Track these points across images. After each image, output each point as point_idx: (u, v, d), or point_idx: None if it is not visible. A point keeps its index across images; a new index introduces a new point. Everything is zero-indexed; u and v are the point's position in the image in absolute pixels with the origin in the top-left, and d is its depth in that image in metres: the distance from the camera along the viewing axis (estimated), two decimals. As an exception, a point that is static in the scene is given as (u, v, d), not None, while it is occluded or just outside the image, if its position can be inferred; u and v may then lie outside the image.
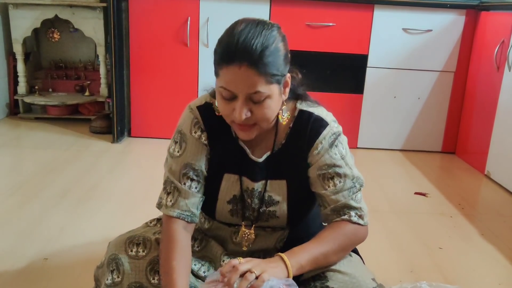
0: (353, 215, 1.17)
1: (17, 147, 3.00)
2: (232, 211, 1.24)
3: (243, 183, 1.21)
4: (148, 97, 3.23)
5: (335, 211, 1.18)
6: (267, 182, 1.21)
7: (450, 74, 3.26)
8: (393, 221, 2.20)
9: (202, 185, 1.20)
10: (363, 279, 1.17)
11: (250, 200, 1.22)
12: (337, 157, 1.18)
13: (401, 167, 3.05)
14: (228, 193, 1.22)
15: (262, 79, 1.02)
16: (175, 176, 1.19)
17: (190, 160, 1.18)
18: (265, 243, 1.28)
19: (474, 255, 1.92)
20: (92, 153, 2.91)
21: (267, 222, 1.24)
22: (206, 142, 1.19)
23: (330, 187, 1.18)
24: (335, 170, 1.17)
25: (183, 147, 1.20)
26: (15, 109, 3.65)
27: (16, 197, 2.18)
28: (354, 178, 1.19)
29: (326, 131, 1.18)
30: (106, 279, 1.20)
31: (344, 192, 1.18)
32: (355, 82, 3.27)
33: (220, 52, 1.04)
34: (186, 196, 1.17)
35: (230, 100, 1.06)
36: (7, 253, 1.68)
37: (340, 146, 1.19)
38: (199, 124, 1.19)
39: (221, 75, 1.05)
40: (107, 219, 2.02)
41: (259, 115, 1.07)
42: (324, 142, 1.17)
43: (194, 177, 1.18)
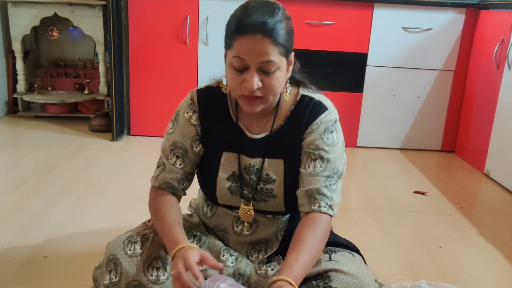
0: (323, 205, 1.19)
1: (16, 145, 3.00)
2: (231, 188, 1.27)
3: (241, 160, 1.26)
4: (147, 95, 3.23)
5: (307, 194, 1.20)
6: (264, 160, 1.25)
7: (450, 73, 3.26)
8: (392, 219, 2.20)
9: (188, 163, 1.28)
10: (366, 280, 1.18)
11: (248, 177, 1.26)
12: (328, 142, 1.22)
13: (401, 165, 3.05)
14: (227, 170, 1.27)
15: (275, 49, 1.09)
16: (165, 153, 1.29)
17: (178, 138, 1.28)
18: (267, 232, 1.29)
19: (473, 254, 1.92)
20: (91, 152, 2.91)
21: (265, 202, 1.27)
22: (196, 122, 1.27)
23: (310, 167, 1.21)
24: (320, 153, 1.21)
25: (175, 126, 1.30)
26: (14, 108, 3.65)
27: (15, 195, 2.18)
28: (335, 168, 1.22)
29: (324, 115, 1.23)
30: (104, 280, 1.20)
31: (321, 178, 1.20)
32: (354, 81, 3.27)
33: (235, 23, 1.11)
34: (168, 171, 1.28)
35: (241, 71, 1.12)
36: (6, 250, 1.68)
37: (334, 133, 1.23)
38: (193, 105, 1.28)
39: (235, 45, 1.10)
40: (106, 217, 2.02)
41: (268, 86, 1.13)
42: (320, 124, 1.22)
43: (179, 155, 1.28)
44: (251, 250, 1.33)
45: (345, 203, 2.33)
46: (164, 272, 1.19)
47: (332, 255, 1.27)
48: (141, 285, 1.17)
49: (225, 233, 1.34)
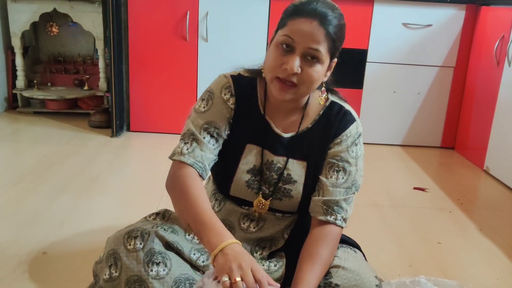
0: (339, 218, 1.20)
1: (16, 141, 2.99)
2: (249, 182, 1.26)
3: (264, 155, 1.26)
4: (147, 91, 3.23)
5: (325, 204, 1.21)
6: (288, 159, 1.25)
7: (450, 69, 3.25)
8: (392, 215, 2.20)
9: (219, 146, 1.23)
10: (366, 276, 1.18)
11: (268, 173, 1.25)
12: (353, 154, 1.24)
13: (401, 162, 3.05)
14: (248, 163, 1.26)
15: (325, 42, 1.10)
16: (197, 129, 1.21)
17: (214, 118, 1.23)
18: (274, 229, 1.29)
19: (473, 250, 1.92)
20: (91, 148, 2.90)
21: (280, 201, 1.27)
22: (233, 106, 1.24)
23: (332, 178, 1.22)
24: (345, 165, 1.22)
25: (210, 104, 1.24)
26: (13, 103, 3.64)
27: (15, 191, 2.18)
28: (354, 180, 1.24)
29: (353, 126, 1.25)
30: (104, 274, 1.20)
31: (341, 190, 1.22)
32: (354, 77, 3.26)
33: (294, 7, 1.13)
34: (203, 149, 1.20)
35: (285, 52, 1.11)
36: (6, 246, 1.68)
37: (359, 146, 1.25)
38: (230, 88, 1.25)
39: (289, 24, 1.11)
40: (106, 212, 2.02)
41: (306, 75, 1.12)
42: (349, 136, 1.23)
43: (214, 135, 1.22)
44: (256, 247, 1.33)
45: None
46: (164, 268, 1.19)
47: (334, 251, 1.28)
48: (141, 280, 1.17)
49: (231, 228, 1.33)
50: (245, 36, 3.10)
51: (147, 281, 1.16)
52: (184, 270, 1.23)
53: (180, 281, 1.20)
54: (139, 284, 1.17)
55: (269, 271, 1.27)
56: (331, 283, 1.19)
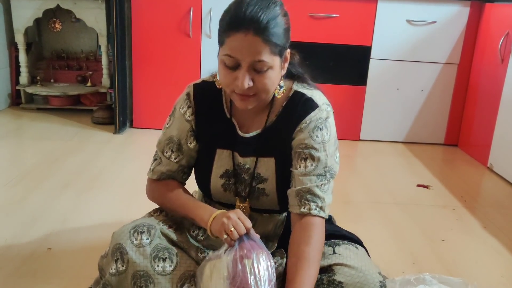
0: (313, 207, 1.17)
1: (19, 137, 3.00)
2: (225, 185, 1.27)
3: (235, 158, 1.26)
4: (150, 87, 3.22)
5: (298, 195, 1.18)
6: (257, 159, 1.24)
7: (454, 66, 3.24)
8: (395, 213, 2.20)
9: (183, 157, 1.29)
10: (369, 273, 1.18)
11: (242, 174, 1.26)
12: (318, 139, 1.19)
13: (404, 159, 3.04)
14: (221, 167, 1.27)
15: (267, 48, 1.05)
16: (160, 146, 1.31)
17: (173, 133, 1.29)
18: (264, 228, 1.29)
19: (477, 248, 1.92)
20: (94, 144, 2.91)
21: (258, 200, 1.27)
22: (190, 118, 1.27)
23: (301, 167, 1.19)
24: (311, 152, 1.19)
25: (172, 120, 1.31)
26: (17, 100, 3.64)
27: (19, 187, 2.18)
28: (327, 166, 1.19)
29: (314, 113, 1.20)
30: (110, 268, 1.20)
31: (312, 177, 1.18)
32: (358, 74, 3.25)
33: (227, 20, 1.08)
34: (165, 164, 1.29)
35: (233, 69, 1.09)
36: (11, 243, 1.68)
37: (324, 130, 1.20)
38: (188, 100, 1.28)
39: (227, 42, 1.08)
40: (110, 209, 2.02)
41: (260, 85, 1.10)
42: (309, 123, 1.19)
43: (174, 149, 1.29)
44: None
45: (348, 196, 2.33)
46: (170, 264, 1.20)
47: (335, 248, 1.27)
48: (148, 275, 1.17)
49: None
50: (248, 33, 3.10)
51: (153, 276, 1.17)
52: (189, 267, 1.24)
53: (186, 277, 1.21)
54: (145, 279, 1.17)
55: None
56: (334, 281, 1.19)
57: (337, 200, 2.25)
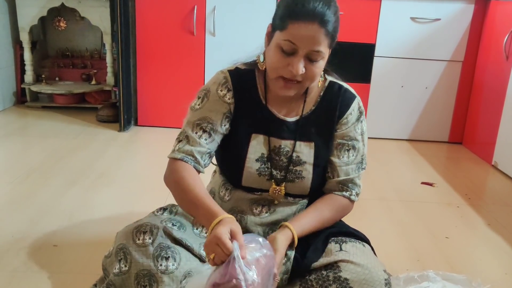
0: (354, 194, 1.31)
1: (24, 135, 3.01)
2: (260, 170, 1.29)
3: (271, 142, 1.29)
4: (154, 86, 3.24)
5: (341, 183, 1.30)
6: (295, 142, 1.29)
7: (458, 64, 3.23)
8: (400, 210, 2.20)
9: (213, 140, 1.27)
10: (375, 270, 1.18)
11: (278, 158, 1.29)
12: (359, 131, 1.30)
13: (408, 157, 3.04)
14: (256, 152, 1.29)
15: (326, 41, 1.13)
16: (189, 126, 1.27)
17: (208, 114, 1.27)
18: (284, 213, 1.32)
19: (481, 245, 1.92)
20: (99, 142, 2.92)
21: (293, 183, 1.30)
22: (231, 101, 1.28)
23: (344, 158, 1.30)
24: (354, 143, 1.29)
25: (204, 101, 1.29)
26: (22, 98, 3.66)
27: (25, 184, 2.20)
28: (363, 156, 1.32)
29: (355, 103, 1.30)
30: (114, 268, 1.21)
31: (353, 166, 1.30)
32: (362, 72, 3.25)
33: (293, 7, 1.12)
34: (193, 144, 1.25)
35: (288, 54, 1.14)
36: (17, 239, 1.70)
37: (363, 123, 1.31)
38: (227, 84, 1.29)
39: (290, 29, 1.12)
40: (115, 206, 2.03)
41: (310, 73, 1.16)
42: (353, 114, 1.29)
43: (207, 129, 1.26)
44: (268, 231, 1.33)
45: (352, 194, 2.33)
46: (173, 262, 1.20)
47: (342, 245, 1.28)
48: (151, 274, 1.18)
49: (243, 215, 1.34)
50: (252, 31, 3.10)
51: (157, 276, 1.17)
52: (193, 265, 1.24)
53: (190, 275, 1.21)
54: (148, 278, 1.18)
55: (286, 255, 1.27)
56: (340, 277, 1.19)
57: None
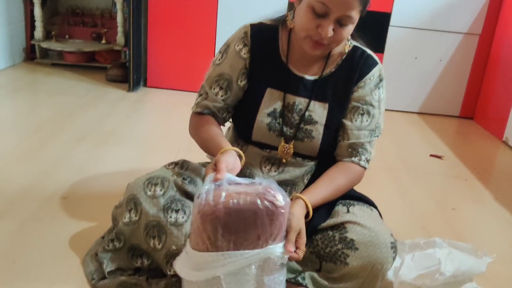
0: (363, 159, 1.28)
1: (34, 91, 3.01)
2: (270, 124, 1.30)
3: (286, 99, 1.29)
4: (165, 47, 3.20)
5: (351, 147, 1.28)
6: (310, 101, 1.28)
7: (475, 37, 3.16)
8: (407, 180, 2.20)
9: (230, 95, 1.31)
10: (381, 233, 1.19)
11: (290, 115, 1.29)
12: (376, 98, 1.28)
13: (418, 129, 3.02)
14: (269, 106, 1.30)
15: (359, 7, 1.12)
16: (208, 82, 1.32)
17: (225, 70, 1.30)
18: (294, 173, 1.32)
19: (487, 217, 1.92)
20: (108, 101, 2.91)
21: (302, 142, 1.30)
22: (246, 56, 1.29)
23: (357, 121, 1.27)
24: (369, 108, 1.27)
25: (224, 57, 1.31)
26: (31, 54, 3.64)
27: (34, 139, 2.20)
28: (378, 123, 1.29)
29: (376, 68, 1.28)
30: (123, 218, 1.22)
31: (366, 132, 1.27)
32: (376, 41, 3.19)
33: None
34: (211, 100, 1.31)
35: (319, 16, 1.13)
36: (27, 190, 1.71)
37: (382, 90, 1.29)
38: (245, 38, 1.29)
39: None
40: (124, 162, 2.04)
41: (338, 37, 1.16)
42: (372, 79, 1.27)
43: (223, 86, 1.30)
44: None
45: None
46: (183, 215, 1.21)
47: (350, 207, 1.29)
48: (160, 225, 1.19)
49: (252, 172, 1.35)
50: (266, -6, 3.04)
51: (166, 227, 1.19)
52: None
53: None
54: (157, 229, 1.19)
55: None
56: (346, 238, 1.20)
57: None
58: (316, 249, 1.25)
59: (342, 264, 1.19)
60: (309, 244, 1.27)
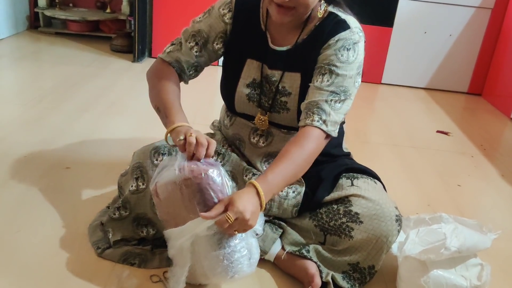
0: (317, 119, 1.14)
1: (37, 60, 2.98)
2: (250, 95, 1.28)
3: (263, 69, 1.26)
4: (170, 16, 3.14)
5: (307, 108, 1.17)
6: (284, 73, 1.24)
7: (487, 11, 3.09)
8: (412, 156, 2.18)
9: (203, 54, 1.28)
10: (386, 206, 1.18)
11: (268, 86, 1.27)
12: (342, 59, 1.16)
13: (425, 105, 2.98)
14: (248, 77, 1.28)
15: None
16: (185, 34, 1.29)
17: (204, 28, 1.28)
18: (281, 145, 1.28)
19: (493, 194, 1.91)
20: (112, 71, 2.88)
21: (279, 114, 1.27)
22: (228, 21, 1.27)
23: (317, 81, 1.18)
24: (331, 68, 1.17)
25: (205, 16, 1.29)
26: (35, 23, 3.59)
27: (37, 108, 2.19)
28: (343, 86, 1.16)
29: (345, 32, 1.18)
30: (130, 186, 1.22)
31: (325, 92, 1.15)
32: (385, 14, 3.13)
33: None
34: (184, 53, 1.27)
35: None
36: (30, 159, 1.71)
37: (351, 52, 1.17)
38: (230, 4, 1.27)
39: None
40: (127, 132, 2.03)
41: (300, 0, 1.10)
42: (337, 41, 1.17)
43: (199, 42, 1.28)
44: (265, 162, 1.33)
45: (366, 136, 2.31)
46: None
47: (354, 180, 1.28)
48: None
49: (242, 142, 1.36)
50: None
51: None
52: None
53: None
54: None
55: (287, 197, 1.28)
56: (351, 211, 1.20)
57: (355, 139, 2.24)
58: (320, 222, 1.24)
59: (346, 237, 1.19)
60: (313, 217, 1.27)
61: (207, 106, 1.27)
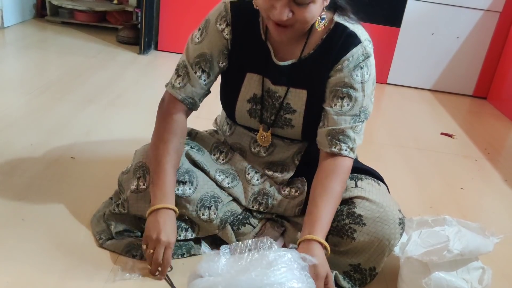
0: (345, 148, 1.16)
1: (43, 50, 2.98)
2: (251, 111, 1.25)
3: (264, 83, 1.22)
4: (178, 9, 3.13)
5: (330, 135, 1.16)
6: (288, 89, 1.20)
7: (495, 14, 3.08)
8: (416, 157, 2.18)
9: (211, 81, 1.23)
10: (390, 209, 1.18)
11: (270, 101, 1.23)
12: (357, 79, 1.15)
13: (430, 106, 2.98)
14: (249, 92, 1.23)
15: None
16: (190, 61, 1.21)
17: (207, 49, 1.20)
18: (283, 154, 1.29)
19: (495, 198, 1.91)
20: (118, 63, 2.88)
21: (282, 129, 1.25)
22: (228, 37, 1.20)
23: (337, 106, 1.16)
24: (349, 91, 1.15)
25: (203, 35, 1.21)
26: (42, 11, 3.59)
27: (43, 98, 2.19)
28: (362, 107, 1.16)
29: (356, 49, 1.14)
30: (131, 185, 1.22)
31: (347, 117, 1.15)
32: (393, 14, 3.12)
33: None
34: (194, 84, 1.21)
35: None
36: (35, 148, 1.71)
37: (365, 70, 1.15)
38: (226, 17, 1.19)
39: None
40: (132, 126, 2.03)
41: (299, 17, 1.05)
42: (351, 60, 1.14)
43: (205, 69, 1.21)
44: (267, 170, 1.33)
45: (370, 137, 2.31)
46: (190, 186, 1.21)
47: (358, 182, 1.27)
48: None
49: (243, 151, 1.34)
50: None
51: None
52: (210, 188, 1.25)
53: (206, 198, 1.22)
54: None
55: (290, 197, 1.28)
56: (354, 213, 1.19)
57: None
58: (323, 222, 1.24)
59: (349, 238, 1.19)
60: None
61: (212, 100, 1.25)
